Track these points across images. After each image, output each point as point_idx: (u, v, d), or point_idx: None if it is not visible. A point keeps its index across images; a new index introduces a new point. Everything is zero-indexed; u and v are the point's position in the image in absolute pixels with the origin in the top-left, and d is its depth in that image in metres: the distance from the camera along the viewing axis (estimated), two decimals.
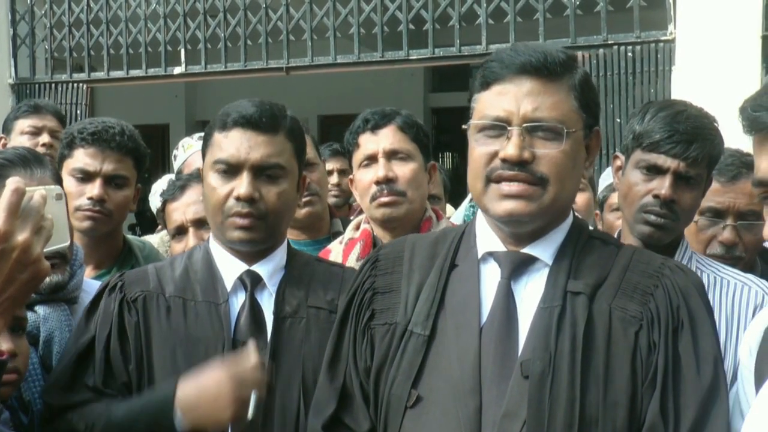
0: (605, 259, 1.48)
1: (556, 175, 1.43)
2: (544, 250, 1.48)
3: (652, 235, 1.88)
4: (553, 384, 1.36)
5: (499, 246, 1.49)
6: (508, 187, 1.42)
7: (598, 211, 3.16)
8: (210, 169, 1.76)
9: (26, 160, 1.69)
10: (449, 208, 3.48)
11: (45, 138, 3.39)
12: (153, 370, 1.68)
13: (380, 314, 1.53)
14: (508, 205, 1.42)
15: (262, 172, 1.71)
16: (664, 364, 1.38)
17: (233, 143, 1.72)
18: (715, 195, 2.08)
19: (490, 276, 1.48)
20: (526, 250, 1.48)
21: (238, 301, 1.74)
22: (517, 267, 1.47)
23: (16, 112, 3.55)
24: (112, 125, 2.34)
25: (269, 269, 1.77)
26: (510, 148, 1.41)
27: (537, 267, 1.48)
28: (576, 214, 1.57)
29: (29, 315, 1.75)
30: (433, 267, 1.52)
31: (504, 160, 1.42)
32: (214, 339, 1.68)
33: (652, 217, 1.87)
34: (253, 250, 1.76)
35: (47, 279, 1.41)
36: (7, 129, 3.52)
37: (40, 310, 1.78)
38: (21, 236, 1.16)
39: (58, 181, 1.74)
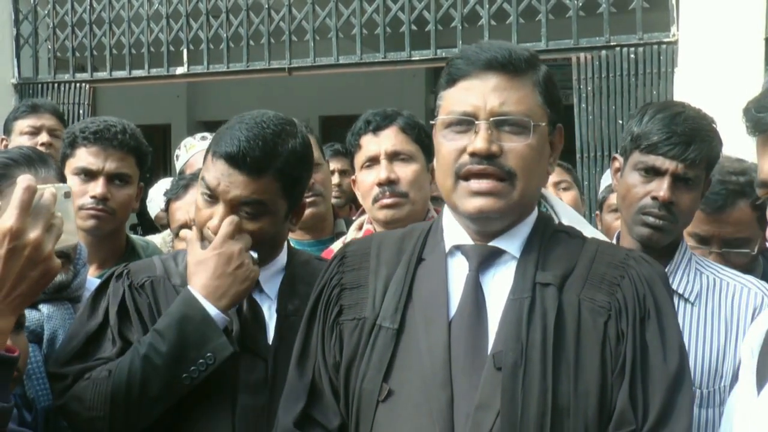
0: (572, 251, 1.50)
1: (523, 169, 1.45)
2: (511, 243, 1.50)
3: (650, 236, 1.88)
4: (526, 375, 1.38)
5: (466, 240, 1.51)
6: (477, 185, 1.44)
7: (598, 212, 3.18)
8: (200, 184, 1.74)
9: (31, 160, 1.70)
10: None
11: (44, 137, 3.39)
12: None
13: (348, 310, 1.53)
14: (478, 202, 1.44)
15: (238, 208, 1.67)
16: (632, 353, 1.41)
17: (215, 173, 1.67)
18: (700, 223, 2.08)
19: (458, 269, 1.50)
20: (494, 243, 1.50)
21: None
22: (485, 260, 1.49)
23: (15, 112, 3.56)
24: (114, 124, 2.35)
25: (267, 275, 1.78)
26: (478, 141, 1.43)
27: (504, 259, 1.49)
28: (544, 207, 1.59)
29: (33, 313, 1.76)
30: (400, 262, 1.53)
31: (472, 155, 1.44)
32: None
33: (651, 219, 1.87)
34: None
35: None
36: (8, 130, 3.54)
37: (44, 308, 1.79)
38: (33, 234, 1.18)
39: (62, 180, 1.75)
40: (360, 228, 2.40)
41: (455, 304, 1.46)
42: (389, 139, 2.29)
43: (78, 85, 5.84)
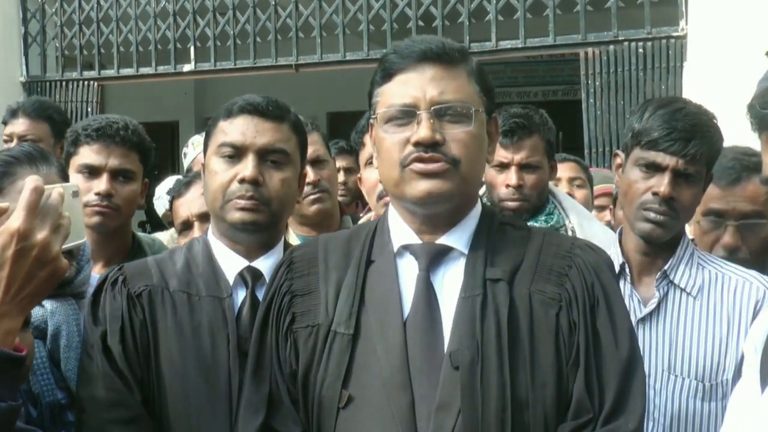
0: (518, 243, 1.51)
1: (467, 155, 1.46)
2: (458, 239, 1.50)
3: (652, 232, 1.88)
4: (483, 372, 1.39)
5: (413, 238, 1.51)
6: (423, 166, 1.44)
7: (611, 206, 3.17)
8: (214, 154, 1.75)
9: (32, 158, 1.70)
10: None
11: (12, 145, 3.32)
12: (160, 365, 1.68)
13: (301, 317, 1.52)
14: (426, 185, 1.44)
15: (266, 156, 1.72)
16: (585, 342, 1.43)
17: (239, 128, 1.73)
18: (715, 198, 2.08)
19: (408, 269, 1.50)
20: (441, 240, 1.50)
21: (239, 296, 1.74)
22: (434, 258, 1.49)
23: (2, 118, 3.51)
24: (116, 120, 2.35)
25: (269, 265, 1.76)
26: (422, 130, 1.44)
27: (453, 256, 1.50)
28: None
29: (37, 309, 1.76)
30: (349, 265, 1.53)
31: (417, 144, 1.44)
32: (219, 333, 1.68)
33: (652, 215, 1.87)
34: (253, 237, 1.75)
35: None
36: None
37: (48, 304, 1.79)
38: (40, 235, 1.18)
39: (64, 177, 1.75)
40: None
41: (408, 305, 1.46)
42: None
43: (86, 83, 5.85)
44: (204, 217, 2.36)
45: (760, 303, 1.84)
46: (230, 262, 1.76)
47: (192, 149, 3.28)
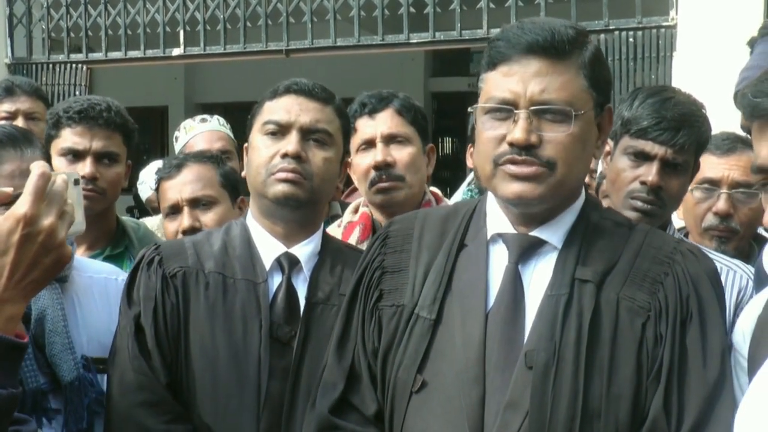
0: (616, 242, 1.45)
1: (564, 158, 1.40)
2: (553, 234, 1.46)
3: (638, 221, 1.88)
4: (557, 375, 1.35)
5: (508, 227, 1.48)
6: (517, 169, 1.40)
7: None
8: (258, 132, 1.78)
9: (16, 140, 1.65)
10: None
11: (19, 123, 3.21)
12: (191, 348, 1.68)
13: (388, 295, 1.52)
14: (517, 188, 1.41)
15: (309, 135, 1.75)
16: (669, 358, 1.36)
17: (284, 106, 1.77)
18: (711, 166, 2.12)
19: (499, 258, 1.47)
20: (535, 233, 1.46)
21: (275, 282, 1.74)
22: (526, 250, 1.45)
23: None
24: (98, 102, 2.32)
25: (307, 253, 1.77)
26: (517, 132, 1.39)
27: (546, 250, 1.46)
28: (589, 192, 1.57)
29: None
30: (442, 246, 1.51)
31: (511, 144, 1.40)
32: (252, 317, 1.69)
33: (639, 204, 1.88)
34: (293, 215, 1.75)
35: None
36: None
37: None
38: (47, 221, 1.18)
39: (48, 160, 1.72)
40: (356, 211, 2.39)
41: (494, 295, 1.43)
42: (385, 121, 2.27)
43: (73, 65, 5.79)
44: (194, 203, 2.33)
45: (743, 291, 1.87)
46: (268, 247, 1.76)
47: (184, 133, 3.25)
